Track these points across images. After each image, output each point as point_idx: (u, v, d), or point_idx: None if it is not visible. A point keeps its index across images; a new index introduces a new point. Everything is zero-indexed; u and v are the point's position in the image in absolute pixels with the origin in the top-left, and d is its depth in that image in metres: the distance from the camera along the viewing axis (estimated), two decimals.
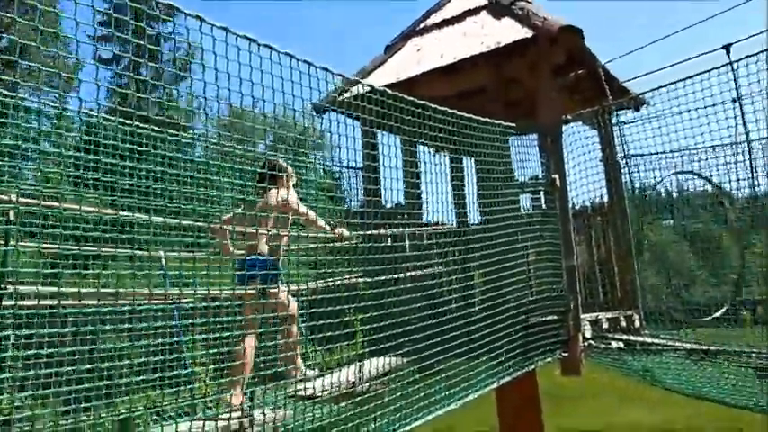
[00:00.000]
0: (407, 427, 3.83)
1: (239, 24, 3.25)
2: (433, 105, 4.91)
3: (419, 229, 5.67)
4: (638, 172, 7.30)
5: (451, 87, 7.09)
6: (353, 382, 4.17)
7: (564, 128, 7.23)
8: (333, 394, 3.93)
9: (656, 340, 6.07)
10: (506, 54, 6.64)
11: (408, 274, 4.94)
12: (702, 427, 13.44)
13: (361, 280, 4.61)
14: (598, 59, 6.75)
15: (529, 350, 5.60)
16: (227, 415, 3.63)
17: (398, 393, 3.96)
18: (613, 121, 7.24)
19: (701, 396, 6.04)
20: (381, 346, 4.09)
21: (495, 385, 5.15)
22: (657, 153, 7.05)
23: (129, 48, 21.54)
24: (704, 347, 5.52)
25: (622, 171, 7.42)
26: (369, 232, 4.57)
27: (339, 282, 4.36)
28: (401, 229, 5.57)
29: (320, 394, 3.90)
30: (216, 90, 3.40)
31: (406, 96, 4.64)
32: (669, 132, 6.63)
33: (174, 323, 4.64)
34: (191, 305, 5.48)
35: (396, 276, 4.53)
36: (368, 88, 4.46)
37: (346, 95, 4.38)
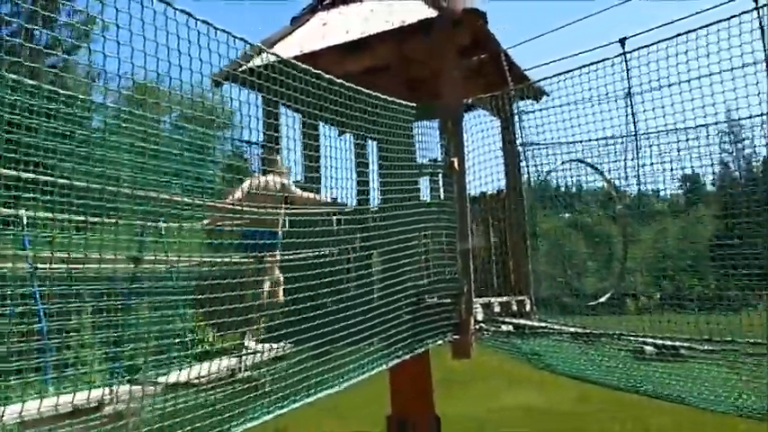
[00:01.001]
0: (284, 410, 3.66)
1: None
2: (337, 80, 4.74)
3: (314, 209, 5.49)
4: (536, 160, 7.41)
5: (356, 64, 6.92)
6: (233, 370, 3.97)
7: (467, 115, 7.26)
8: (214, 380, 3.72)
9: (544, 324, 6.19)
10: (411, 33, 6.54)
11: (301, 255, 4.76)
12: (587, 410, 14.08)
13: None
14: (501, 45, 6.77)
15: (420, 333, 5.57)
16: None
17: (280, 376, 3.78)
18: (514, 109, 7.32)
19: (585, 378, 6.23)
20: (272, 331, 3.92)
21: (384, 367, 5.07)
22: (554, 143, 7.18)
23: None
24: (587, 331, 5.67)
25: (520, 159, 7.52)
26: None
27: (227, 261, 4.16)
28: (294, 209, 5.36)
29: (199, 381, 3.67)
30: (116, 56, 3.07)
31: (310, 68, 4.44)
32: (567, 122, 6.76)
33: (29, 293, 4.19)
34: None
35: (289, 257, 4.36)
36: (272, 59, 4.23)
37: (247, 66, 4.13)
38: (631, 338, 5.31)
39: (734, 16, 4.96)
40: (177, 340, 3.83)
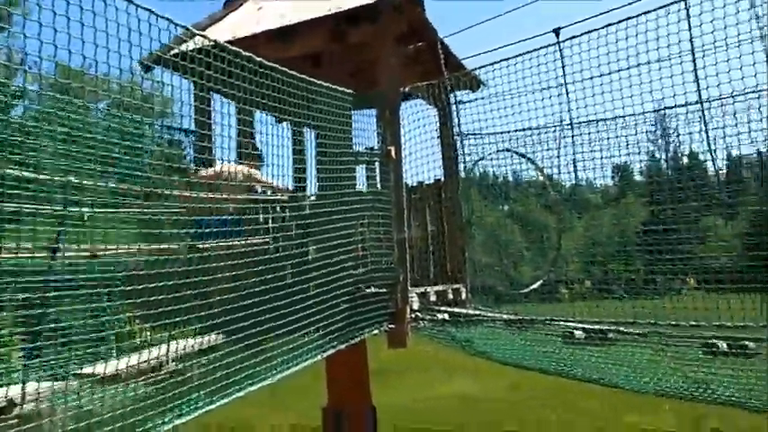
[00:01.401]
0: (214, 405, 3.57)
1: None
2: (271, 64, 4.63)
3: (249, 197, 5.38)
4: (472, 150, 7.47)
5: (291, 50, 6.80)
6: (161, 362, 3.83)
7: (404, 104, 7.25)
8: (138, 374, 3.58)
9: (479, 312, 6.26)
10: (348, 19, 6.47)
11: (232, 244, 4.64)
12: (520, 397, 14.43)
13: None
14: (438, 33, 6.78)
15: (357, 322, 5.54)
16: None
17: (209, 369, 3.67)
18: (451, 99, 7.35)
19: (518, 364, 6.34)
20: (202, 322, 3.80)
21: (319, 357, 5.02)
22: (490, 133, 7.26)
23: None
24: (520, 317, 5.77)
25: (457, 149, 7.57)
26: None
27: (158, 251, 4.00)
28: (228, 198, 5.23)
29: (122, 374, 3.52)
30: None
31: (242, 51, 4.32)
32: (503, 112, 6.83)
33: None
34: None
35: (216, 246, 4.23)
36: (205, 42, 4.08)
37: (178, 50, 3.98)
38: (561, 323, 5.43)
39: (662, 7, 5.09)
40: (101, 334, 3.68)
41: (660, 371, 4.95)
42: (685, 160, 8.38)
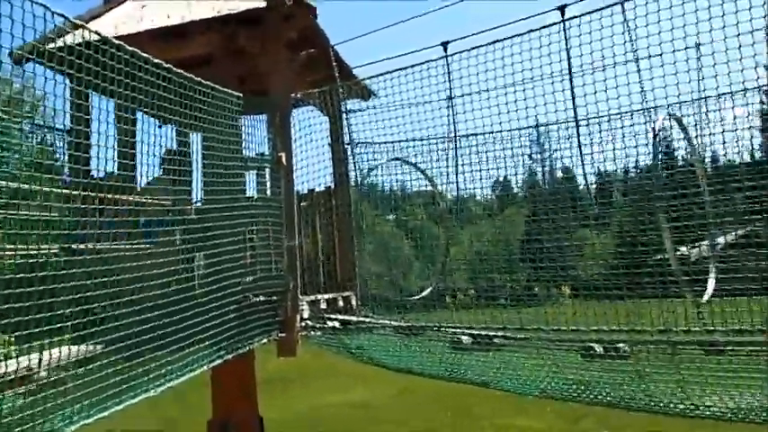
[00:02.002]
0: (90, 420, 3.33)
1: None
2: (156, 61, 4.43)
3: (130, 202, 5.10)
4: (362, 158, 7.50)
5: (177, 52, 6.55)
6: (31, 372, 3.54)
7: (296, 110, 7.18)
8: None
9: (369, 319, 6.28)
10: (239, 23, 6.33)
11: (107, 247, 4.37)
12: (411, 402, 14.61)
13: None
14: (330, 41, 6.77)
15: (245, 332, 5.39)
16: None
17: (85, 381, 3.43)
18: (342, 108, 7.35)
19: (408, 370, 6.40)
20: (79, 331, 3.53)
21: (205, 368, 4.84)
22: (380, 142, 7.33)
23: None
24: (410, 324, 5.84)
25: (347, 158, 7.59)
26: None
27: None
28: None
29: None
30: None
31: (125, 45, 4.09)
32: (393, 122, 6.91)
33: None
34: None
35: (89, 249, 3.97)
36: (87, 37, 3.82)
37: (55, 45, 3.71)
38: (449, 330, 5.55)
39: (543, 27, 5.35)
40: None
41: (543, 374, 5.16)
42: (560, 175, 8.86)
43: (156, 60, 4.44)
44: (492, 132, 6.14)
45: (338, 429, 13.14)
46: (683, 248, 5.42)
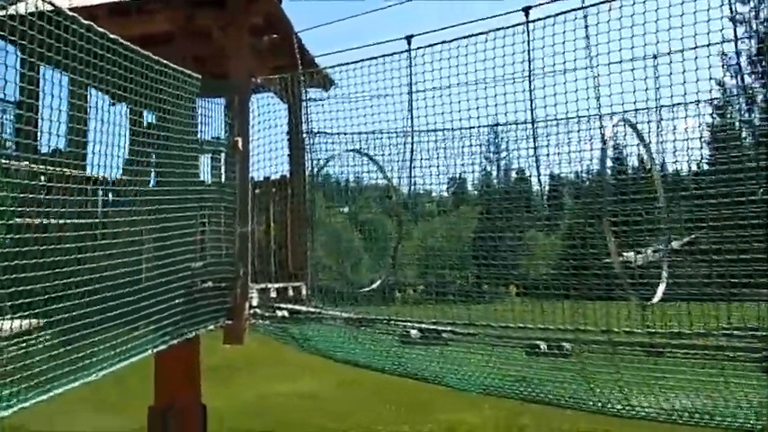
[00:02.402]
0: (26, 404, 3.22)
1: None
2: (114, 36, 4.31)
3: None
4: (320, 148, 7.45)
5: (136, 28, 6.40)
6: None
7: (256, 96, 7.07)
8: None
9: (319, 309, 6.26)
10: (201, 3, 6.21)
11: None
12: (357, 394, 14.65)
13: None
14: (293, 27, 6.70)
15: (191, 317, 5.31)
16: None
17: (24, 364, 3.32)
18: (303, 96, 7.28)
19: (354, 362, 6.41)
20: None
21: (148, 353, 4.74)
22: (338, 133, 7.28)
23: None
24: (359, 316, 5.85)
25: (305, 147, 7.52)
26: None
27: None
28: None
29: None
30: None
31: (78, 18, 3.96)
32: (354, 113, 6.85)
33: None
34: None
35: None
36: (38, 7, 3.68)
37: (6, 13, 3.57)
38: (399, 323, 5.58)
39: (508, 27, 5.39)
40: None
41: (487, 371, 5.22)
42: (514, 176, 8.98)
43: (111, 36, 4.32)
44: (450, 129, 6.17)
45: (283, 419, 13.08)
46: (630, 253, 5.56)
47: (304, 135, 7.42)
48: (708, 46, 4.94)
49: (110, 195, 5.95)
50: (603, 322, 4.92)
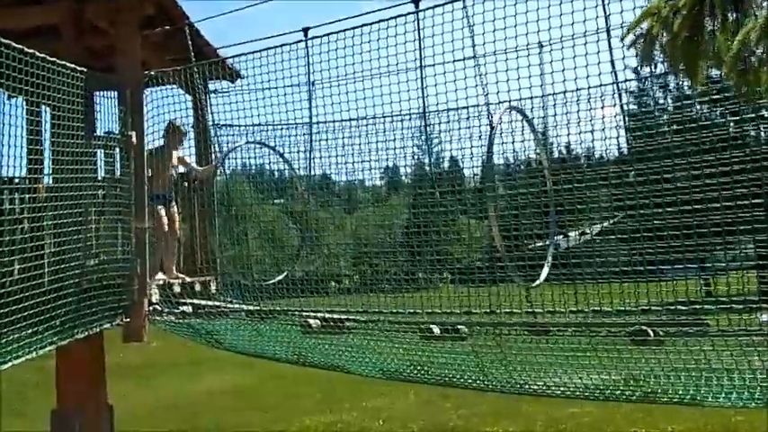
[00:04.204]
0: None
1: None
2: None
3: None
4: (226, 140, 7.37)
5: (21, 20, 6.20)
6: None
7: (154, 90, 6.90)
8: None
9: (222, 303, 6.23)
10: None
11: None
12: (272, 386, 14.63)
13: None
14: (189, 18, 6.59)
15: (84, 316, 5.20)
16: None
17: None
18: (204, 88, 7.16)
19: (261, 355, 6.41)
20: None
21: (35, 354, 4.61)
22: (242, 126, 7.22)
23: None
24: (260, 308, 5.86)
25: (211, 139, 7.42)
26: None
27: None
28: None
29: None
30: None
31: None
32: (259, 103, 6.78)
33: None
34: None
35: None
36: None
37: None
38: (296, 313, 5.61)
39: (399, 16, 5.45)
40: None
41: (384, 356, 5.32)
42: (446, 165, 9.10)
43: None
44: (348, 120, 6.23)
45: (201, 415, 12.90)
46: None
47: (209, 127, 7.31)
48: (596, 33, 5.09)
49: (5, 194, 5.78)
50: (497, 305, 5.11)
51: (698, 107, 6.18)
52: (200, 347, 9.14)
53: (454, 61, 5.63)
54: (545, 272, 5.25)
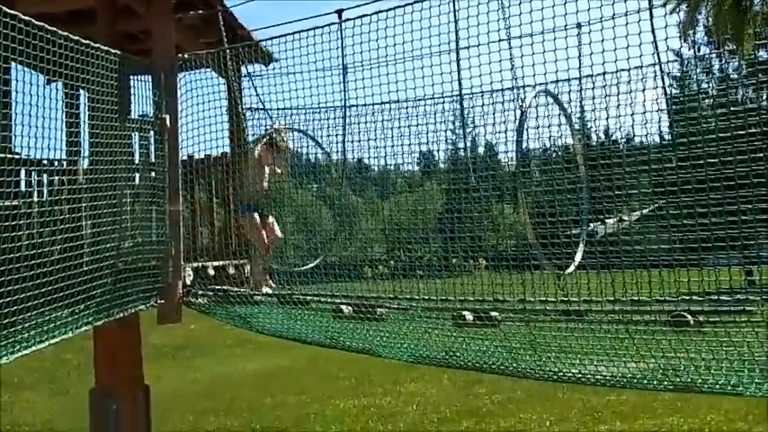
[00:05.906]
0: None
1: None
2: (27, 18, 4.23)
3: None
4: (260, 124, 7.34)
5: (59, 5, 6.28)
6: None
7: (189, 73, 6.92)
8: None
9: (248, 289, 6.26)
10: None
11: None
12: (315, 368, 14.75)
13: None
14: (224, 1, 6.58)
15: (120, 297, 5.27)
16: None
17: None
18: (241, 72, 7.16)
19: (295, 339, 6.43)
20: None
21: (70, 334, 4.69)
22: (280, 108, 7.18)
23: None
24: (290, 293, 5.88)
25: (245, 123, 7.42)
26: None
27: None
28: None
29: None
30: None
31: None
32: (293, 86, 6.73)
33: None
34: None
35: None
36: None
37: None
38: (329, 300, 5.61)
39: None
40: None
41: (415, 341, 5.28)
42: (481, 150, 8.96)
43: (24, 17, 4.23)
44: (380, 104, 6.15)
45: (238, 398, 13.10)
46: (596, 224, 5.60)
47: (243, 111, 7.31)
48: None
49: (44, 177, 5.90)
50: (532, 292, 5.01)
51: (742, 90, 5.95)
52: (238, 330, 9.26)
53: (489, 43, 5.50)
54: (578, 259, 5.14)
